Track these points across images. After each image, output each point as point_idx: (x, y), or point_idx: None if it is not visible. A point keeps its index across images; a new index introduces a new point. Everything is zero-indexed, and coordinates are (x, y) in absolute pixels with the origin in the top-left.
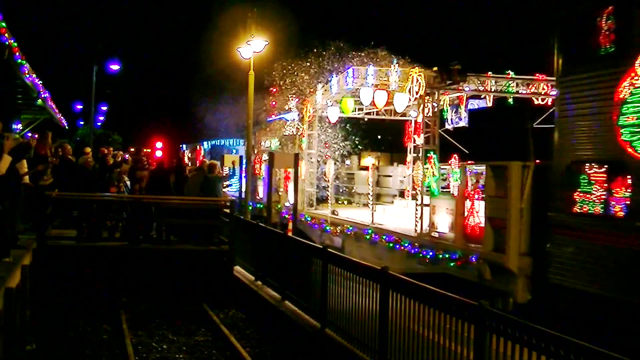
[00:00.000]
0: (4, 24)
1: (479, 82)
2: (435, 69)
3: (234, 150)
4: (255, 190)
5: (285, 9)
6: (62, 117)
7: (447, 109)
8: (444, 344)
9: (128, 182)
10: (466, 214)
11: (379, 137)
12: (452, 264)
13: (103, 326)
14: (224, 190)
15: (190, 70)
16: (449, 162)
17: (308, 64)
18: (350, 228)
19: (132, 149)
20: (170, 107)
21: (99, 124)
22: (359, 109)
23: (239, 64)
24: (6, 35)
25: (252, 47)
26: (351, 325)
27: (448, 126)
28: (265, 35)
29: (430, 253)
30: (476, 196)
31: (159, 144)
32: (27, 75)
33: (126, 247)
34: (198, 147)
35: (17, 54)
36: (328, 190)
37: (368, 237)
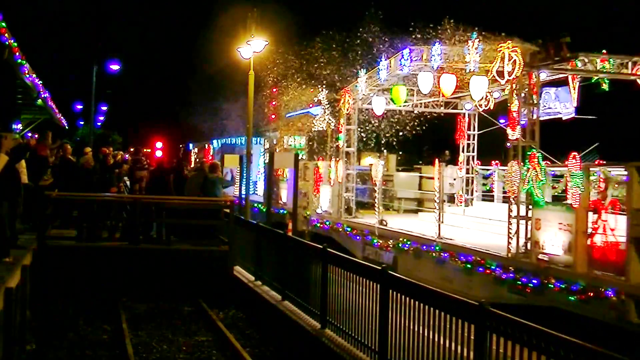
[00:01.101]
0: (4, 24)
1: (587, 60)
2: (539, 41)
3: None
4: (277, 194)
5: None
6: (62, 117)
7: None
8: (444, 344)
9: (128, 182)
10: (591, 231)
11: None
12: (571, 298)
13: (103, 326)
14: (224, 190)
15: (191, 69)
16: (565, 162)
17: (340, 49)
18: (407, 242)
19: (131, 149)
20: (171, 106)
21: (99, 124)
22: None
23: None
24: (6, 35)
25: (252, 47)
26: (351, 325)
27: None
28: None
29: (534, 280)
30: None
31: (159, 144)
32: (27, 75)
33: (126, 247)
34: (207, 145)
35: (17, 54)
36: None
37: (434, 254)
